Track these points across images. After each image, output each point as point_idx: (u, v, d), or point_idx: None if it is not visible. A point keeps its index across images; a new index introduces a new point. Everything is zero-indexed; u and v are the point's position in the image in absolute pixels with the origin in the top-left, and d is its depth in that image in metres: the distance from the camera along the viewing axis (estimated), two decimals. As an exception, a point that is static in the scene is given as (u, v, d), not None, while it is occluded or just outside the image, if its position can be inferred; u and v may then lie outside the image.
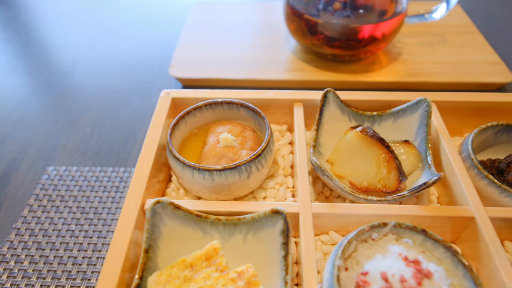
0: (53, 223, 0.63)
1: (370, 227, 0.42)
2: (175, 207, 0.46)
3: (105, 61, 0.98)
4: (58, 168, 0.71)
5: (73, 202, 0.66)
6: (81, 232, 0.61)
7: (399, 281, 0.37)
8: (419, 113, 0.59)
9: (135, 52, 1.00)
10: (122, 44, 1.03)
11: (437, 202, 0.56)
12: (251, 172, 0.52)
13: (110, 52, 1.01)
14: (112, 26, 1.11)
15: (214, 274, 0.42)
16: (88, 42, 1.04)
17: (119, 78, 0.92)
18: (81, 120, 0.82)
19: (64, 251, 0.59)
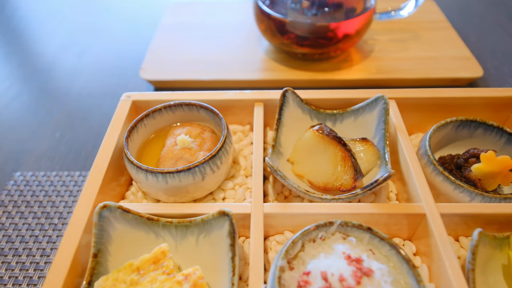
0: (17, 229, 0.63)
1: (316, 226, 0.42)
2: (124, 210, 0.46)
3: (78, 64, 0.97)
4: (25, 174, 0.71)
5: (38, 207, 0.66)
6: (44, 238, 0.61)
7: (338, 280, 0.37)
8: (378, 111, 0.59)
9: (109, 55, 1.00)
10: (96, 47, 1.03)
11: (396, 199, 0.56)
12: (206, 174, 0.52)
13: (84, 55, 1.00)
14: (86, 28, 1.10)
15: (161, 277, 0.42)
16: (61, 46, 1.04)
17: (91, 81, 0.92)
18: (51, 124, 0.81)
19: (27, 256, 0.59)
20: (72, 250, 0.43)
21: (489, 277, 0.46)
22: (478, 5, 1.17)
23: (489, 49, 0.98)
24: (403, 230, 0.51)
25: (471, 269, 0.41)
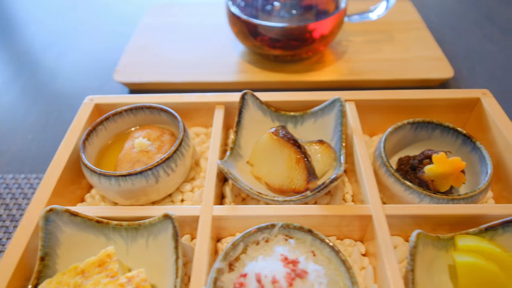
0: (-18, 231, 0.63)
1: (258, 228, 0.43)
2: (72, 214, 0.46)
3: (58, 65, 0.98)
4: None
5: (4, 210, 0.66)
6: (7, 240, 0.62)
7: (271, 282, 0.37)
8: (335, 113, 0.59)
9: (87, 56, 1.01)
10: (76, 48, 1.04)
11: (352, 201, 0.57)
12: (160, 177, 0.52)
13: (64, 56, 1.01)
14: (67, 30, 1.11)
15: (104, 280, 0.42)
16: (42, 47, 1.05)
17: (69, 82, 0.93)
18: (26, 125, 0.82)
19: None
20: (19, 253, 0.44)
21: (434, 277, 0.47)
22: (456, 5, 1.17)
23: (464, 49, 0.98)
24: (355, 232, 0.51)
25: (410, 270, 0.42)
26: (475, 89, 0.64)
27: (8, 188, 0.70)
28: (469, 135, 0.57)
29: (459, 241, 0.46)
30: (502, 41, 1.00)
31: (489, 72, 0.91)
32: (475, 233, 0.47)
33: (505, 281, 0.43)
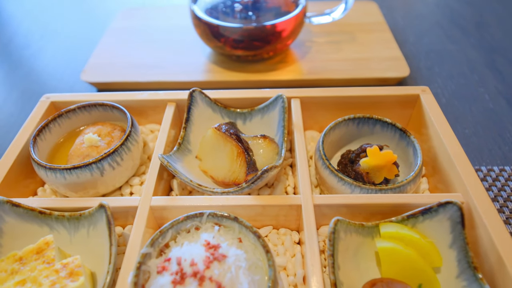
0: None
1: (186, 217, 0.45)
2: (14, 204, 0.48)
3: (33, 65, 1.00)
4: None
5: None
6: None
7: (189, 265, 0.40)
8: (278, 109, 0.62)
9: (59, 57, 1.03)
10: (49, 49, 1.06)
11: (293, 193, 0.59)
12: (105, 170, 0.54)
13: (38, 56, 1.03)
14: (41, 31, 1.13)
15: (40, 266, 0.44)
16: (18, 48, 1.07)
17: (40, 83, 0.95)
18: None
19: None
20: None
21: (361, 263, 0.49)
22: (421, 7, 1.20)
23: (425, 50, 1.01)
24: (291, 221, 0.54)
25: (329, 254, 0.44)
26: (417, 86, 0.67)
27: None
28: (405, 130, 0.60)
29: (382, 228, 0.49)
30: (462, 41, 1.04)
31: (447, 71, 0.94)
32: (398, 221, 0.49)
33: (422, 265, 0.46)
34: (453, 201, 0.46)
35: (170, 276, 0.40)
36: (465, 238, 0.46)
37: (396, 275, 0.46)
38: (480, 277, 0.43)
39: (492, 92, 0.87)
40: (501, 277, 0.44)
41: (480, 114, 0.82)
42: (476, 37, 1.05)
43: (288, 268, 0.49)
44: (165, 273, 0.40)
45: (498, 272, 0.44)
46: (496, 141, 0.75)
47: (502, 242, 0.44)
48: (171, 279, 0.39)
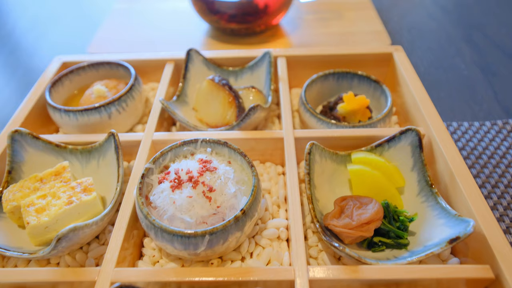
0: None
1: (183, 142, 0.53)
2: (34, 137, 0.56)
3: (34, 47, 1.08)
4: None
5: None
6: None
7: (185, 173, 0.47)
8: (266, 64, 0.69)
9: (62, 40, 1.11)
10: (51, 33, 1.14)
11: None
12: (112, 114, 0.62)
13: (41, 39, 1.11)
14: (43, 16, 1.21)
15: (58, 185, 0.52)
16: (19, 31, 1.15)
17: (44, 61, 1.03)
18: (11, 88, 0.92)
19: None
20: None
21: (336, 188, 0.57)
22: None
23: (407, 27, 1.09)
24: (275, 156, 0.61)
25: (306, 173, 0.51)
26: (390, 45, 0.74)
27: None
28: (378, 80, 0.67)
29: (353, 155, 0.56)
30: (442, 19, 1.11)
31: (427, 45, 1.01)
32: (367, 150, 0.57)
33: (387, 185, 0.53)
34: (412, 128, 0.53)
35: (169, 183, 0.47)
36: (423, 160, 0.53)
37: (365, 194, 0.53)
38: (436, 191, 0.51)
39: (467, 62, 0.95)
40: (453, 190, 0.51)
41: (455, 81, 0.89)
42: (455, 15, 1.12)
43: (272, 191, 0.57)
44: (165, 181, 0.48)
45: (451, 186, 0.51)
46: (467, 102, 0.82)
47: (454, 161, 0.51)
48: (170, 185, 0.47)
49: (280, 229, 0.51)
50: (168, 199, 0.46)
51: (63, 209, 0.49)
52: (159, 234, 0.43)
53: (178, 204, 0.45)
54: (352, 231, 0.48)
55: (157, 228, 0.43)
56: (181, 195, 0.45)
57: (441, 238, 0.45)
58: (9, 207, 0.50)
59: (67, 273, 0.43)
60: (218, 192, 0.46)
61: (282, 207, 0.55)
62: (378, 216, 0.49)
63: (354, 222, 0.48)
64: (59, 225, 0.50)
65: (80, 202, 0.50)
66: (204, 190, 0.46)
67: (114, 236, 0.46)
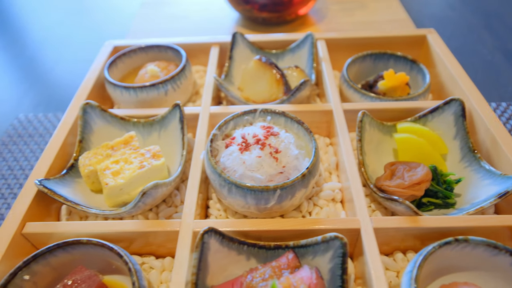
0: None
1: (243, 112, 0.57)
2: (102, 109, 0.60)
3: (67, 37, 1.13)
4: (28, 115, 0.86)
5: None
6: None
7: (252, 136, 0.51)
8: (308, 45, 0.74)
9: (100, 28, 1.15)
10: (87, 22, 1.18)
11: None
12: (168, 91, 0.66)
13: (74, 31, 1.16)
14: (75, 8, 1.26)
15: (128, 152, 0.56)
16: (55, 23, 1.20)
17: (83, 50, 1.07)
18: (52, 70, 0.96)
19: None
20: (62, 138, 0.58)
21: (382, 157, 0.61)
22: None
23: (428, 16, 1.13)
24: (322, 128, 0.65)
25: (358, 139, 0.56)
26: (423, 28, 0.79)
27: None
28: (415, 60, 0.71)
29: (398, 125, 0.60)
30: (462, 8, 1.15)
31: (449, 32, 1.05)
32: (411, 121, 0.61)
33: (432, 151, 0.57)
34: (456, 98, 0.57)
35: (237, 146, 0.51)
36: (466, 128, 0.57)
37: (411, 161, 0.57)
38: (479, 156, 0.55)
39: (489, 47, 0.99)
40: (496, 153, 0.55)
41: (479, 65, 0.93)
42: (474, 5, 1.16)
43: (323, 159, 0.61)
44: (233, 145, 0.52)
45: (493, 150, 0.55)
46: (493, 84, 0.86)
47: (495, 127, 0.55)
48: (238, 148, 0.51)
49: (335, 191, 0.55)
50: (238, 160, 0.50)
51: (136, 172, 0.53)
52: (233, 190, 0.48)
53: (248, 164, 0.49)
54: (405, 190, 0.52)
55: (231, 184, 0.47)
56: (251, 155, 0.49)
57: (489, 195, 0.49)
58: (86, 171, 0.55)
59: (153, 224, 0.47)
60: (283, 154, 0.50)
61: (333, 173, 0.59)
62: (427, 178, 0.53)
63: (406, 182, 0.52)
64: (131, 188, 0.54)
65: (151, 167, 0.54)
66: (271, 151, 0.50)
67: (188, 193, 0.50)
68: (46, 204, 0.53)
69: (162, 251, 0.50)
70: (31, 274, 0.43)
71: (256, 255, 0.46)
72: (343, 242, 0.42)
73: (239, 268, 0.45)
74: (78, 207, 0.50)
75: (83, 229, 0.48)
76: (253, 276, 0.41)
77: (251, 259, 0.46)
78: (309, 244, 0.44)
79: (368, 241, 0.44)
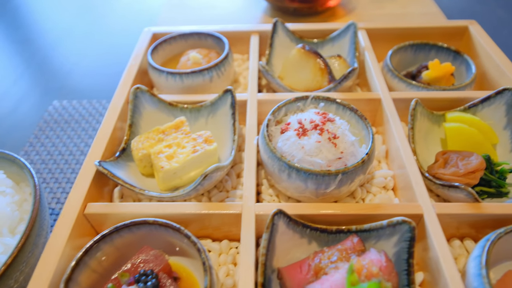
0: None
1: (296, 98, 0.57)
2: (151, 94, 0.60)
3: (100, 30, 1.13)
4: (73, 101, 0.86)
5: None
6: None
7: (309, 122, 0.51)
8: (349, 35, 0.73)
9: (130, 18, 1.15)
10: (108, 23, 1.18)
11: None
12: (213, 77, 0.66)
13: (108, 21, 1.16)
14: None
15: (180, 136, 0.56)
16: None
17: (116, 40, 1.07)
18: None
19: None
20: (113, 123, 0.58)
21: (429, 146, 0.61)
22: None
23: (458, 10, 1.12)
24: (368, 112, 0.65)
25: (410, 128, 0.56)
26: (464, 19, 0.78)
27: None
28: (459, 50, 0.71)
29: (448, 114, 0.60)
30: (490, 3, 1.15)
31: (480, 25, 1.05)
32: (460, 110, 0.61)
33: (483, 140, 0.57)
34: (509, 87, 0.57)
35: (294, 131, 0.51)
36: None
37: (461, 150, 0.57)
38: (531, 146, 0.55)
39: (522, 41, 0.98)
40: (549, 144, 0.55)
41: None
42: (503, 0, 1.16)
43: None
44: (289, 130, 0.52)
45: (546, 140, 0.55)
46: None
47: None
48: (294, 133, 0.51)
49: (388, 178, 0.55)
50: (297, 145, 0.50)
51: (190, 156, 0.53)
52: (293, 175, 0.48)
53: (307, 149, 0.49)
54: (460, 179, 0.52)
55: (292, 169, 0.47)
56: (309, 140, 0.49)
57: (545, 184, 0.49)
58: (140, 155, 0.55)
59: (214, 206, 0.47)
60: (341, 140, 0.50)
61: (382, 162, 0.59)
62: (482, 166, 0.53)
63: (461, 170, 0.52)
64: (184, 172, 0.54)
65: (204, 151, 0.54)
66: (329, 137, 0.50)
67: (246, 177, 0.50)
68: (100, 187, 0.53)
69: (217, 234, 0.51)
70: (99, 254, 0.43)
71: (318, 239, 0.46)
72: (411, 226, 0.42)
73: (301, 252, 0.46)
74: (135, 189, 0.50)
75: (142, 210, 0.48)
76: (321, 258, 0.41)
77: (313, 243, 0.46)
78: (373, 229, 0.44)
79: (433, 227, 0.44)
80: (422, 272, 0.46)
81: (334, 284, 0.37)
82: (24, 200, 0.53)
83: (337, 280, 0.38)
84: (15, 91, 0.89)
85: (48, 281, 0.40)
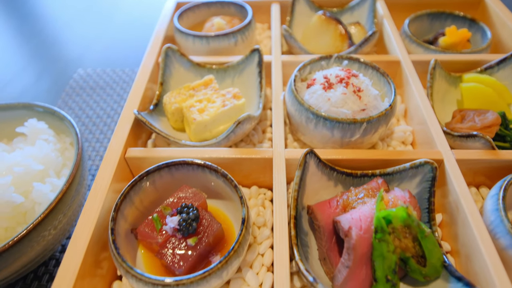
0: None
1: (320, 57, 0.60)
2: (181, 54, 0.63)
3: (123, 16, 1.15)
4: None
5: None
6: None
7: (334, 77, 0.54)
8: (368, 4, 0.76)
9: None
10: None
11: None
12: (237, 41, 0.69)
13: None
14: None
15: (210, 92, 0.59)
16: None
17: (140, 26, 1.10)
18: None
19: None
20: (143, 86, 0.61)
21: (446, 107, 0.63)
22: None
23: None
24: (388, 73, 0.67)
25: (429, 86, 0.58)
26: (479, -9, 0.80)
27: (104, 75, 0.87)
28: (474, 18, 0.73)
29: (465, 75, 0.63)
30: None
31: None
32: (477, 72, 0.63)
33: (497, 99, 0.60)
34: (525, 48, 0.60)
35: (319, 85, 0.54)
36: (533, 78, 0.59)
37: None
38: (545, 104, 0.57)
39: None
40: (562, 101, 0.57)
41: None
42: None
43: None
44: (315, 84, 0.55)
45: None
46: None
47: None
48: (320, 87, 0.54)
49: (407, 133, 0.58)
50: (324, 97, 0.53)
51: (220, 110, 0.56)
52: (320, 124, 0.51)
53: (333, 101, 0.52)
54: (477, 132, 0.54)
55: (319, 118, 0.50)
56: (335, 93, 0.52)
57: (558, 137, 0.52)
58: (173, 108, 0.58)
59: (247, 152, 0.50)
60: (365, 93, 0.53)
61: (401, 120, 0.62)
62: (498, 122, 0.55)
63: (478, 125, 0.55)
64: (214, 125, 0.57)
65: (233, 106, 0.57)
66: (354, 90, 0.53)
67: (275, 127, 0.53)
68: (135, 138, 0.56)
69: (246, 181, 0.54)
70: (141, 192, 0.46)
71: (343, 182, 0.49)
72: (433, 166, 0.45)
73: (328, 194, 0.49)
74: (171, 137, 0.54)
75: (178, 155, 0.51)
76: (348, 195, 0.45)
77: (339, 186, 0.49)
78: (396, 171, 0.47)
79: (453, 171, 0.47)
80: (440, 214, 0.49)
81: (363, 214, 0.41)
82: (65, 149, 0.56)
83: (365, 211, 0.41)
84: (39, 59, 0.92)
85: (97, 214, 0.43)
